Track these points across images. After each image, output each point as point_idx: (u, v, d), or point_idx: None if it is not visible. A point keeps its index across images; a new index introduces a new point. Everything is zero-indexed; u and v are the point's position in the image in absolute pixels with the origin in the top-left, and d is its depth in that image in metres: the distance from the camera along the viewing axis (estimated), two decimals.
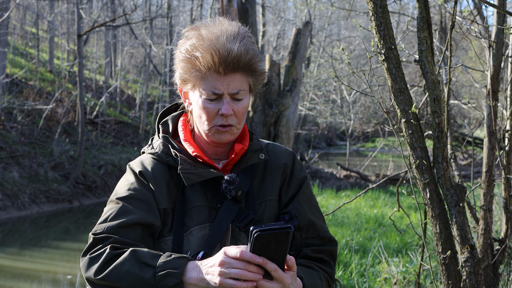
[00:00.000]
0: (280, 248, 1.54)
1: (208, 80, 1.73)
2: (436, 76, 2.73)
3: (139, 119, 22.92)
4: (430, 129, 3.11)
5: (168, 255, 1.62)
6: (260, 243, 1.52)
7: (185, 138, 1.86)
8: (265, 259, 1.54)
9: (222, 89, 1.73)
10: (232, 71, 1.72)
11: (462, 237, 2.77)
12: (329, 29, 29.93)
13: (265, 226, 1.51)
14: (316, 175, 16.68)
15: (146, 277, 1.59)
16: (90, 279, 1.66)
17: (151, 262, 1.61)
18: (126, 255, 1.63)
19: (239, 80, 1.74)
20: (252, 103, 9.71)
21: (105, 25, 18.96)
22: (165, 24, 28.35)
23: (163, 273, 1.58)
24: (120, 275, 1.61)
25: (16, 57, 23.06)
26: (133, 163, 1.86)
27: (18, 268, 9.52)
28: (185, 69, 1.75)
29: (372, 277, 6.12)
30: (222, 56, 1.69)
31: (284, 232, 1.52)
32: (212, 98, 1.74)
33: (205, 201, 1.80)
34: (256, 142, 1.88)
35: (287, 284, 1.58)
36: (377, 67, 8.22)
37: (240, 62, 1.71)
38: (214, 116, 1.76)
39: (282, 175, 1.89)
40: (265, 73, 1.82)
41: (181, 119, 1.92)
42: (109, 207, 1.77)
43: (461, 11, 3.48)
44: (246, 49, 1.71)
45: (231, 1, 9.50)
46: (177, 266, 1.59)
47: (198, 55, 1.71)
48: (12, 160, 14.54)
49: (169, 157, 1.82)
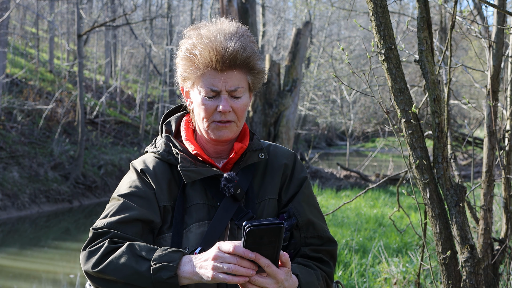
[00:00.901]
0: (273, 243, 1.55)
1: (206, 78, 1.77)
2: (436, 76, 2.73)
3: (139, 119, 22.92)
4: (430, 129, 3.11)
5: (164, 249, 1.65)
6: (253, 238, 1.53)
7: (186, 137, 1.89)
8: (258, 254, 1.55)
9: (220, 86, 1.76)
10: (229, 68, 1.75)
11: (462, 237, 2.77)
12: (329, 29, 29.93)
13: (258, 221, 1.53)
14: (316, 175, 16.68)
15: (142, 270, 1.62)
16: (88, 272, 1.70)
17: (147, 255, 1.64)
18: (123, 248, 1.67)
19: (236, 78, 1.77)
20: (252, 103, 9.71)
21: (105, 25, 18.96)
22: (165, 24, 28.35)
23: (158, 266, 1.61)
24: (116, 268, 1.65)
25: (16, 57, 23.05)
26: (136, 162, 1.90)
27: (18, 268, 9.52)
28: (185, 67, 1.80)
29: (372, 277, 6.13)
30: (219, 53, 1.72)
31: (276, 227, 1.53)
32: (210, 95, 1.77)
33: (205, 199, 1.82)
34: (256, 142, 1.90)
35: (280, 280, 1.59)
36: (377, 67, 8.22)
37: (237, 59, 1.74)
38: (213, 112, 1.79)
39: (282, 175, 1.91)
40: (264, 72, 1.85)
41: (184, 119, 1.96)
42: (111, 204, 1.82)
43: (461, 11, 3.48)
44: (243, 46, 1.74)
45: (231, 1, 9.50)
46: (172, 259, 1.62)
47: (196, 53, 1.75)
48: (12, 160, 14.54)
49: (170, 155, 1.85)
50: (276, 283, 1.59)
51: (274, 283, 1.59)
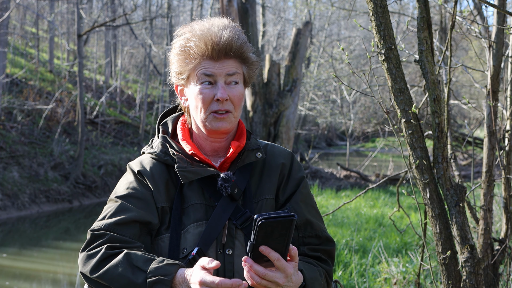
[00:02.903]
0: (283, 236, 1.54)
1: (202, 67, 1.78)
2: (436, 76, 2.73)
3: (139, 119, 22.92)
4: (430, 129, 3.11)
5: (160, 261, 1.65)
6: (264, 231, 1.52)
7: (183, 138, 1.89)
8: (268, 248, 1.55)
9: (217, 72, 1.78)
10: (225, 56, 1.78)
11: (462, 237, 2.77)
12: (329, 29, 29.91)
13: (269, 214, 1.52)
14: (316, 175, 16.68)
15: (138, 282, 1.63)
16: (85, 275, 1.71)
17: (143, 266, 1.64)
18: (120, 257, 1.67)
19: (233, 65, 1.80)
20: (252, 103, 9.71)
21: (105, 25, 18.96)
22: (165, 24, 28.34)
23: (153, 280, 1.61)
24: (113, 278, 1.66)
25: (16, 57, 23.05)
26: (133, 163, 1.90)
27: (18, 268, 9.52)
28: (180, 61, 1.81)
29: (372, 277, 6.12)
30: (215, 41, 1.75)
31: (288, 219, 1.52)
32: (207, 81, 1.78)
33: (202, 199, 1.82)
34: (253, 141, 1.90)
35: (289, 275, 1.59)
36: (377, 67, 8.22)
37: (232, 47, 1.77)
38: (210, 101, 1.79)
39: (280, 175, 1.90)
40: (258, 63, 1.87)
41: (180, 120, 1.95)
42: (108, 206, 1.82)
43: (461, 11, 3.48)
44: (237, 35, 1.78)
45: (231, 1, 9.50)
46: (167, 273, 1.62)
47: (192, 45, 1.77)
48: (12, 160, 14.54)
49: (167, 156, 1.85)
50: (285, 277, 1.59)
51: (283, 277, 1.58)
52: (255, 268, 1.57)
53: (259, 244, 1.55)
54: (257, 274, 1.57)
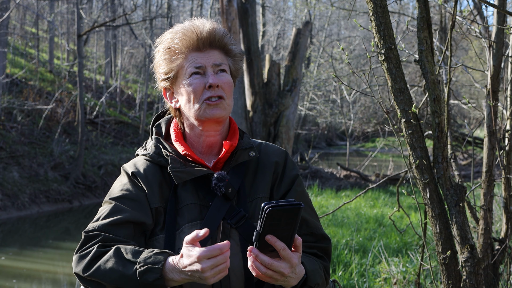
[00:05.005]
0: (289, 225, 1.53)
1: (189, 60, 1.82)
2: (436, 76, 2.73)
3: (139, 119, 22.92)
4: (430, 129, 3.11)
5: (150, 251, 1.65)
6: (272, 220, 1.51)
7: (175, 138, 1.90)
8: (274, 237, 1.54)
9: (205, 62, 1.82)
10: (210, 46, 1.83)
11: (462, 237, 2.77)
12: (329, 29, 29.93)
13: (276, 202, 1.51)
14: (316, 175, 16.68)
15: (129, 274, 1.63)
16: (79, 275, 1.72)
17: (133, 258, 1.65)
18: (111, 252, 1.68)
19: (219, 56, 1.84)
20: (252, 103, 9.71)
21: (105, 25, 18.96)
22: (165, 24, 28.35)
23: (144, 269, 1.61)
24: (105, 273, 1.66)
25: (16, 57, 23.05)
26: (127, 165, 1.92)
27: (18, 268, 9.52)
28: (167, 60, 1.85)
29: (372, 277, 6.12)
30: (198, 32, 1.81)
31: (295, 207, 1.51)
32: (197, 71, 1.81)
33: (196, 199, 1.82)
34: (246, 140, 1.90)
35: (294, 265, 1.59)
36: (377, 67, 8.22)
37: (215, 36, 1.83)
38: (202, 90, 1.81)
39: (273, 173, 1.90)
40: (242, 56, 1.92)
41: (173, 121, 1.96)
42: (103, 207, 1.84)
43: (461, 11, 3.48)
44: (218, 27, 1.85)
45: (231, 1, 9.49)
46: (157, 261, 1.62)
47: (176, 41, 1.82)
48: (12, 160, 14.54)
49: (160, 157, 1.86)
50: (290, 268, 1.59)
51: (288, 267, 1.58)
52: (260, 258, 1.57)
53: (265, 233, 1.54)
54: (262, 264, 1.57)
